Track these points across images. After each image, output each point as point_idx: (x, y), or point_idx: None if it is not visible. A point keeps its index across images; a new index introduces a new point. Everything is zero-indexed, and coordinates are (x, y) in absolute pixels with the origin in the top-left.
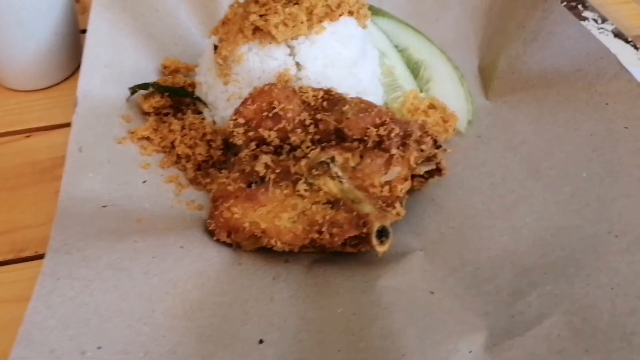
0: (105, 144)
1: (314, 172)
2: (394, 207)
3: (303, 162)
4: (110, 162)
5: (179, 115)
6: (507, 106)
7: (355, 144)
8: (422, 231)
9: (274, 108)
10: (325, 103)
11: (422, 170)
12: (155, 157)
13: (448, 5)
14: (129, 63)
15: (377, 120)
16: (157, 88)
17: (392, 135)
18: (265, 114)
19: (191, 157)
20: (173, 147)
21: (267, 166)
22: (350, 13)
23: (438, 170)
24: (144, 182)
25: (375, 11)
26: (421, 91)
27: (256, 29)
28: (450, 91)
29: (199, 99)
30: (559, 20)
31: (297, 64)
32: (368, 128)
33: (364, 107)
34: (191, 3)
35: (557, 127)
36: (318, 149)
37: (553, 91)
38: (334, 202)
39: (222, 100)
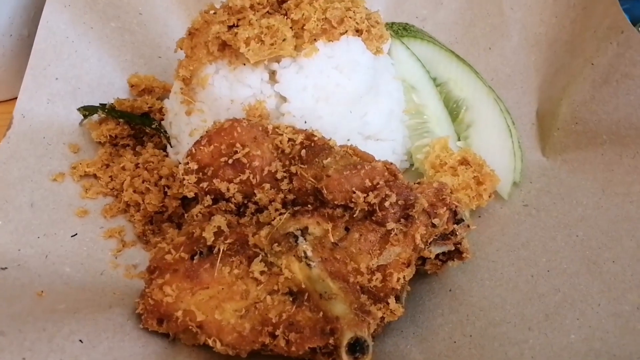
0: (33, 180)
1: (277, 247)
2: (387, 304)
3: (264, 231)
4: (33, 206)
5: (138, 148)
6: (567, 167)
7: (340, 211)
8: (430, 336)
9: (236, 152)
10: (303, 151)
11: (433, 253)
12: (99, 202)
13: (506, 31)
14: (90, 77)
15: (367, 182)
16: (109, 112)
17: (387, 204)
18: (224, 159)
19: (141, 206)
20: (122, 190)
21: (219, 232)
22: (358, 32)
23: (458, 253)
24: (74, 235)
25: (411, 32)
26: (459, 139)
27: (224, 45)
28: (494, 142)
29: (158, 129)
30: (638, 58)
31: (278, 95)
32: (354, 192)
33: (354, 162)
34: (187, 6)
35: (629, 202)
36: (288, 214)
37: (628, 152)
38: (296, 294)
39: (185, 133)
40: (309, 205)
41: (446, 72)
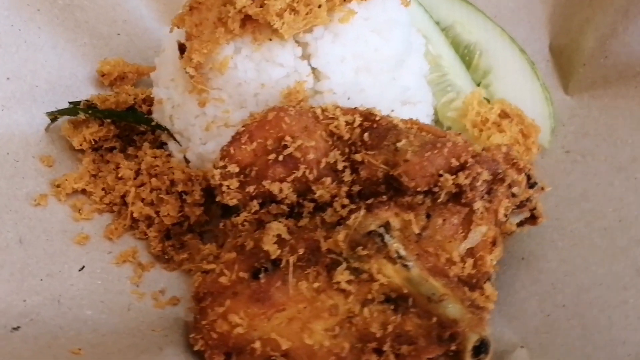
0: (12, 210)
1: (361, 250)
2: (482, 290)
3: (340, 234)
4: (22, 242)
5: (130, 149)
6: (598, 104)
7: (420, 197)
8: (518, 313)
9: (286, 146)
10: (366, 135)
11: (513, 224)
12: (98, 222)
13: None
14: (47, 71)
15: (454, 162)
16: (93, 113)
17: (479, 183)
18: (272, 156)
19: (155, 220)
20: (125, 203)
21: (281, 241)
22: None
23: (533, 218)
24: (81, 269)
25: None
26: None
27: (247, 19)
28: (521, 87)
29: (160, 127)
30: None
31: (314, 71)
32: (440, 175)
33: (429, 140)
34: None
35: None
36: (362, 210)
37: None
38: (396, 300)
39: (197, 128)
40: (383, 196)
41: (450, 14)
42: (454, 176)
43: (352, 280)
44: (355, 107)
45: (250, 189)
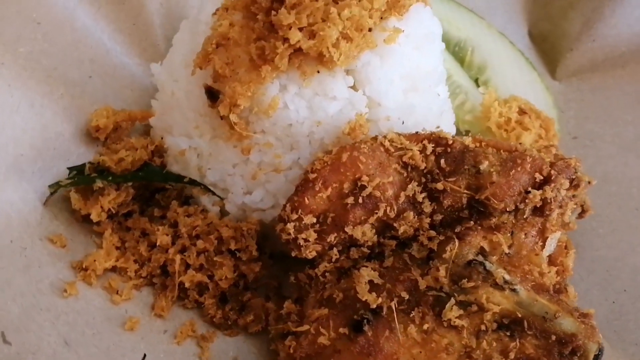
0: (42, 308)
1: (466, 282)
2: (566, 293)
3: (440, 270)
4: (69, 344)
5: (153, 210)
6: (588, 86)
7: (505, 216)
8: (585, 305)
9: (364, 187)
10: (442, 161)
11: (574, 223)
12: (139, 300)
13: None
14: (29, 136)
15: (537, 176)
16: (113, 179)
17: (563, 194)
18: (350, 199)
19: (209, 286)
20: (165, 273)
21: (375, 287)
22: None
23: (582, 212)
24: (144, 358)
25: None
26: (477, 85)
27: (296, 53)
28: (519, 79)
29: (196, 183)
30: None
31: (369, 99)
32: (528, 192)
33: (508, 158)
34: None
35: None
36: (455, 241)
37: None
38: (510, 325)
39: (238, 177)
40: (469, 221)
41: (436, 11)
42: (541, 191)
43: (462, 315)
44: (417, 132)
45: (331, 237)
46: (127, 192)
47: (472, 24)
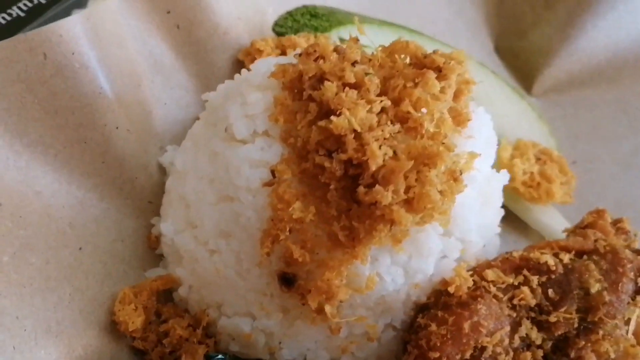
0: None
1: None
2: None
3: None
4: None
5: None
6: (568, 100)
7: (613, 325)
8: None
9: (484, 347)
10: (551, 291)
11: None
12: None
13: None
14: None
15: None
16: None
17: None
18: None
19: None
20: None
21: None
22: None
23: None
24: None
25: (330, 17)
26: None
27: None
28: (508, 110)
29: None
30: None
31: (461, 242)
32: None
33: (610, 269)
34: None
35: None
36: None
37: (627, 66)
38: None
39: (322, 350)
40: (579, 340)
41: None
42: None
43: None
44: (508, 256)
45: None
46: None
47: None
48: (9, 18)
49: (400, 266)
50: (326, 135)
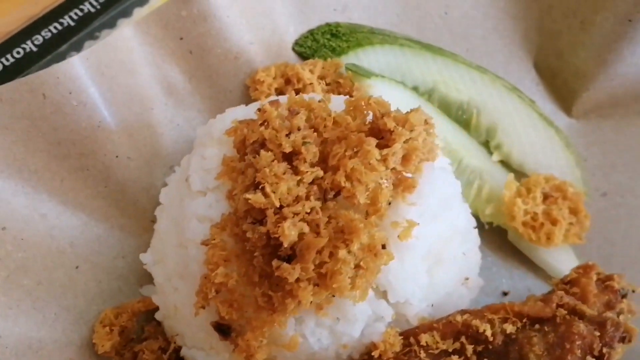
0: None
1: None
2: None
3: None
4: None
5: None
6: (609, 124)
7: None
8: None
9: None
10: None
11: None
12: None
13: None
14: None
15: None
16: None
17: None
18: None
19: None
20: None
21: None
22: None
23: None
24: None
25: (360, 36)
26: (490, 152)
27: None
28: (534, 139)
29: None
30: None
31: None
32: None
33: (553, 340)
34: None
35: None
36: None
37: None
38: None
39: None
40: None
41: (426, 73)
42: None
43: None
44: (452, 319)
45: None
46: None
47: (473, 81)
48: (60, 27)
49: (326, 328)
50: (251, 206)
